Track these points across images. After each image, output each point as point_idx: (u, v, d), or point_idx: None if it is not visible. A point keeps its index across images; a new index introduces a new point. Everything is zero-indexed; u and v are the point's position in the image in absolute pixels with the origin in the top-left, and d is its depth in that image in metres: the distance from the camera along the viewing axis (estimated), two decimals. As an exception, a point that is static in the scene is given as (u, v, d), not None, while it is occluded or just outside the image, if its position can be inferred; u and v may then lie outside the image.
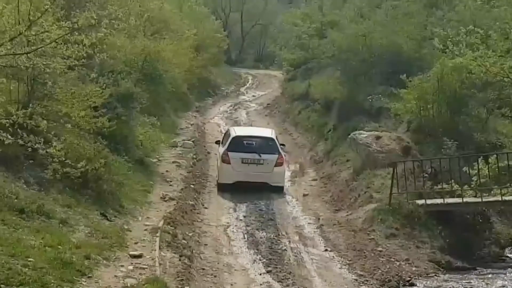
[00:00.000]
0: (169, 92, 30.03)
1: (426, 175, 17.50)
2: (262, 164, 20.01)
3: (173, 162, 22.41)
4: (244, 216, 17.51)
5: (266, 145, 20.51)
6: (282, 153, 20.77)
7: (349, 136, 20.86)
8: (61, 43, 11.90)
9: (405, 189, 16.97)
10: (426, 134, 20.24)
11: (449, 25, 23.65)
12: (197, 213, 17.51)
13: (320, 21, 35.76)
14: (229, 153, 20.18)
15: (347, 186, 19.63)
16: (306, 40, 36.03)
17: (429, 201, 16.60)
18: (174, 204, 17.12)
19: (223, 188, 20.03)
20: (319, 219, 17.54)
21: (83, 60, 12.48)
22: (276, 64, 50.74)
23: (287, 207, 18.88)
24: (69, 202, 13.90)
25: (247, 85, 51.71)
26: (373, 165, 19.15)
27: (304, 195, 20.23)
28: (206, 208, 18.29)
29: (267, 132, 22.31)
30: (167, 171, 21.18)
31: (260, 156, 20.07)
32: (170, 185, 19.58)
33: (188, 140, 26.59)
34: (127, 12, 17.76)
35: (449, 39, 20.52)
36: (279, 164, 20.18)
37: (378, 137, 19.75)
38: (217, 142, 22.55)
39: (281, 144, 21.34)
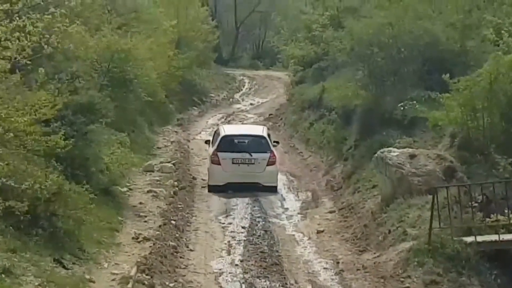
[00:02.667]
0: (143, 101, 30.05)
1: (476, 204, 17.40)
2: (253, 163, 23.93)
3: (148, 191, 22.42)
4: (241, 260, 17.45)
5: (257, 144, 24.46)
6: (275, 151, 24.57)
7: (376, 155, 20.79)
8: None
9: (449, 222, 16.87)
10: (475, 151, 20.17)
11: (501, 10, 23.67)
12: (180, 257, 17.45)
13: (336, 6, 35.84)
14: (218, 153, 23.99)
15: (374, 220, 19.57)
16: (319, 31, 36.07)
17: (480, 238, 16.49)
18: (150, 246, 17.08)
19: (213, 190, 23.57)
20: (338, 263, 17.48)
21: (26, 54, 12.35)
22: (281, 62, 50.86)
23: (296, 248, 18.82)
24: (14, 245, 13.80)
25: (243, 90, 51.84)
26: (407, 192, 19.08)
27: (319, 231, 20.18)
28: (191, 250, 18.25)
29: (258, 129, 26.70)
30: (140, 203, 21.17)
31: (251, 155, 23.96)
32: (145, 221, 19.58)
33: (168, 162, 26.59)
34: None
35: (505, 29, 20.46)
36: (271, 163, 24.04)
37: (412, 156, 19.70)
38: (207, 142, 26.47)
39: (274, 141, 25.39)
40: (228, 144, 24.16)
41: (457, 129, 21.02)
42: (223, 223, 20.66)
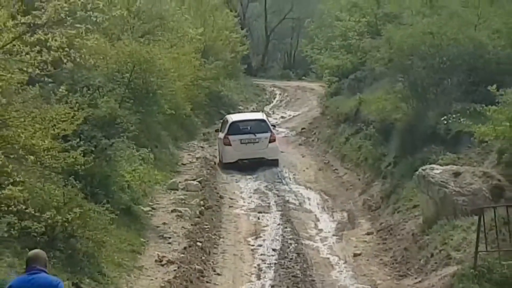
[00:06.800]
0: (167, 115, 30.20)
1: (526, 225, 17.30)
2: (257, 142, 31.41)
3: (173, 211, 22.51)
4: (272, 286, 17.50)
5: (259, 126, 32.02)
6: (274, 131, 32.90)
7: (417, 173, 20.74)
8: (17, 46, 11.95)
9: (496, 246, 16.78)
10: (525, 168, 20.06)
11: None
12: (207, 282, 17.53)
13: (374, 13, 35.87)
14: (229, 136, 31.29)
15: (415, 243, 19.50)
16: (355, 39, 36.11)
17: (531, 262, 16.39)
18: (175, 270, 17.14)
19: (226, 168, 30.68)
20: (376, 288, 17.46)
21: (46, 69, 12.50)
22: (314, 73, 50.95)
23: (331, 272, 18.81)
24: (30, 268, 13.89)
25: (274, 102, 51.96)
26: (450, 212, 19.01)
27: (355, 255, 20.15)
28: (219, 274, 18.31)
29: (258, 115, 35.16)
30: (164, 223, 21.25)
31: (256, 135, 31.44)
32: (169, 243, 19.65)
33: (193, 180, 26.67)
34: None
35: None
36: (272, 140, 31.70)
37: (457, 174, 19.63)
38: (217, 131, 34.67)
39: (272, 125, 33.76)
40: (236, 128, 31.66)
41: (505, 145, 20.89)
42: (253, 245, 20.70)
